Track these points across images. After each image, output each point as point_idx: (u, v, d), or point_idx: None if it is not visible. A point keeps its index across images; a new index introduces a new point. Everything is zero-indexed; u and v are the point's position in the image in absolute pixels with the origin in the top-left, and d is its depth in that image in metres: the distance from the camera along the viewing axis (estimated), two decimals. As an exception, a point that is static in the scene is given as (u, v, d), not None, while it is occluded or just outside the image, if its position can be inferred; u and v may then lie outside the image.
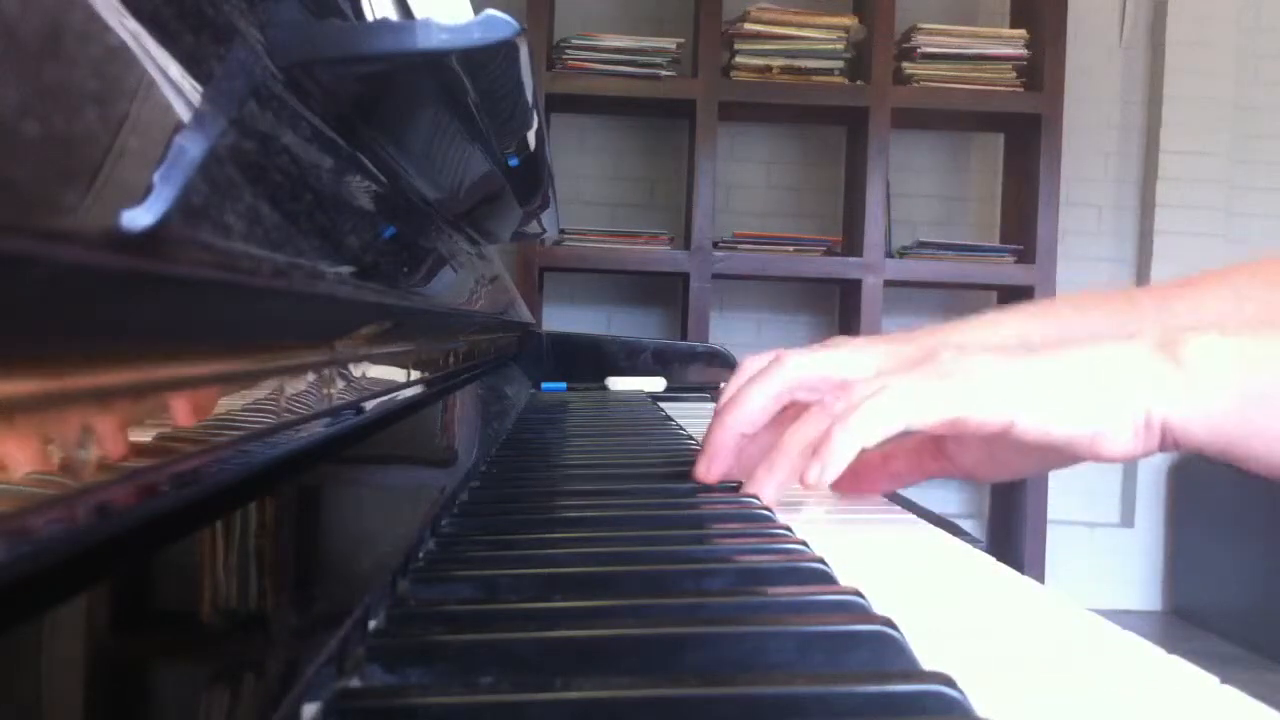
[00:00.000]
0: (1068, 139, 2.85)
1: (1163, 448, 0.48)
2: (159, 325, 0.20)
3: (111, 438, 0.18)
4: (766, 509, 0.49)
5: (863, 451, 0.50)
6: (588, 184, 3.03)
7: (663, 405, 1.18)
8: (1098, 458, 0.48)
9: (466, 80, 0.47)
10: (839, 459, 0.50)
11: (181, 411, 0.21)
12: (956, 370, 0.50)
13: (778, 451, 0.53)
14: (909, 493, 0.63)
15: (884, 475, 0.61)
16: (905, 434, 0.51)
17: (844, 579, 0.37)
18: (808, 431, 0.52)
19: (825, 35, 2.73)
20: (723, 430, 0.58)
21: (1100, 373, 0.48)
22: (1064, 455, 0.50)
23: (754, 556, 0.41)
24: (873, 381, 0.51)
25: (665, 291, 3.05)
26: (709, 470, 0.57)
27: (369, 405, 0.39)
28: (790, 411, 0.58)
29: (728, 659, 0.29)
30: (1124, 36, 3.09)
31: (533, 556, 0.41)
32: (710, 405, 1.33)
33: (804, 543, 0.42)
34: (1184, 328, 0.49)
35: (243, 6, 0.31)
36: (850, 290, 2.83)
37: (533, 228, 1.14)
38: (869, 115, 2.71)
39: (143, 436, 0.19)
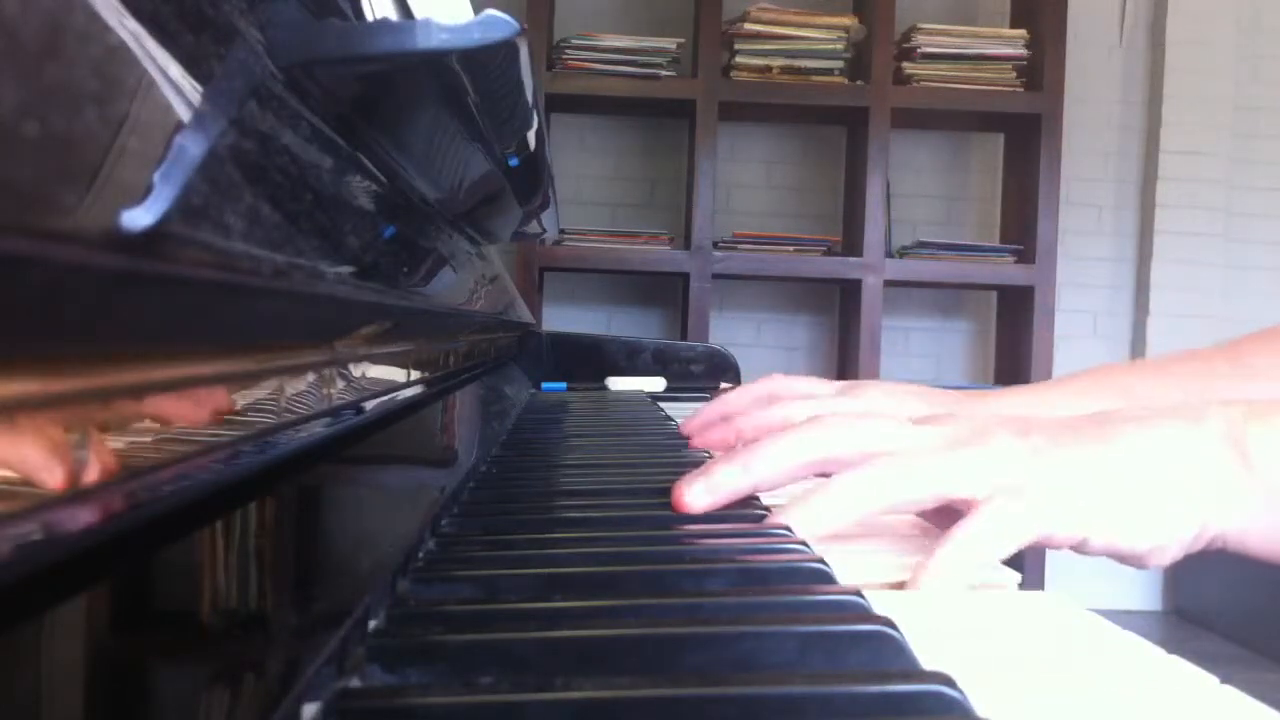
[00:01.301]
0: (1068, 139, 2.85)
1: (1205, 551, 0.47)
2: (159, 325, 0.20)
3: (112, 438, 0.18)
4: (766, 509, 0.49)
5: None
6: (588, 184, 3.03)
7: (663, 405, 1.18)
8: (1142, 567, 0.47)
9: (466, 80, 0.47)
10: (970, 567, 0.44)
11: (181, 411, 0.21)
12: (1037, 484, 0.46)
13: (758, 452, 0.51)
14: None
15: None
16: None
17: (843, 579, 0.37)
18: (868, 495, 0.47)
19: (825, 35, 2.73)
20: (739, 479, 0.51)
21: (1169, 480, 0.46)
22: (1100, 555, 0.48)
23: (754, 556, 0.41)
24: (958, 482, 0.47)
25: (665, 291, 3.05)
26: (702, 501, 0.51)
27: (369, 405, 0.39)
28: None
29: (728, 659, 0.29)
30: (1124, 36, 3.09)
31: (533, 556, 0.41)
32: (710, 405, 1.32)
33: (804, 543, 0.42)
34: (1254, 410, 0.47)
35: (243, 6, 0.31)
36: (850, 290, 2.83)
37: (533, 228, 1.14)
38: (869, 115, 2.71)
39: (143, 436, 0.19)
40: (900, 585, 0.43)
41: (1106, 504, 0.46)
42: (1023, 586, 0.43)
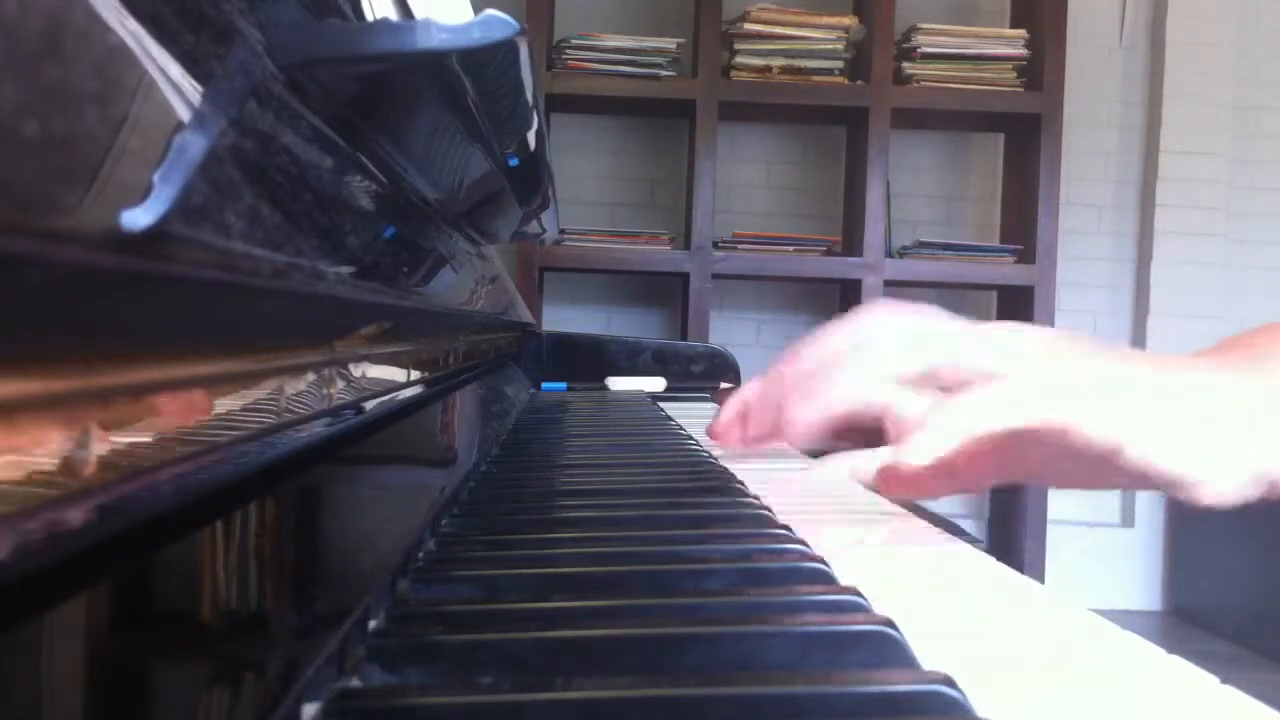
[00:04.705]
0: (1068, 139, 2.85)
1: (1261, 498, 0.43)
2: (159, 325, 0.20)
3: (111, 438, 0.18)
4: (766, 509, 0.49)
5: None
6: (588, 184, 3.03)
7: (663, 405, 1.18)
8: (1192, 501, 0.43)
9: (466, 80, 0.47)
10: (949, 440, 0.44)
11: (182, 411, 0.21)
12: (1082, 371, 0.44)
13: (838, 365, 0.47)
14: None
15: (947, 478, 0.50)
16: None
17: (842, 579, 0.37)
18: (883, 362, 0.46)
19: (825, 35, 2.73)
20: (819, 402, 0.48)
21: (1225, 413, 0.43)
22: (1137, 481, 0.44)
23: (754, 556, 0.41)
24: (994, 350, 0.45)
25: (665, 291, 3.05)
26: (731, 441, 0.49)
27: (369, 405, 0.39)
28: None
29: (728, 659, 0.29)
30: (1124, 36, 3.09)
31: (533, 556, 0.41)
32: (710, 405, 1.33)
33: (804, 542, 0.42)
34: None
35: (243, 6, 0.31)
36: (850, 290, 2.82)
37: (533, 228, 1.14)
38: (869, 115, 2.71)
39: (143, 436, 0.19)
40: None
41: (1154, 416, 0.42)
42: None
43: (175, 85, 0.21)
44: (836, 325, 0.50)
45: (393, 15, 0.46)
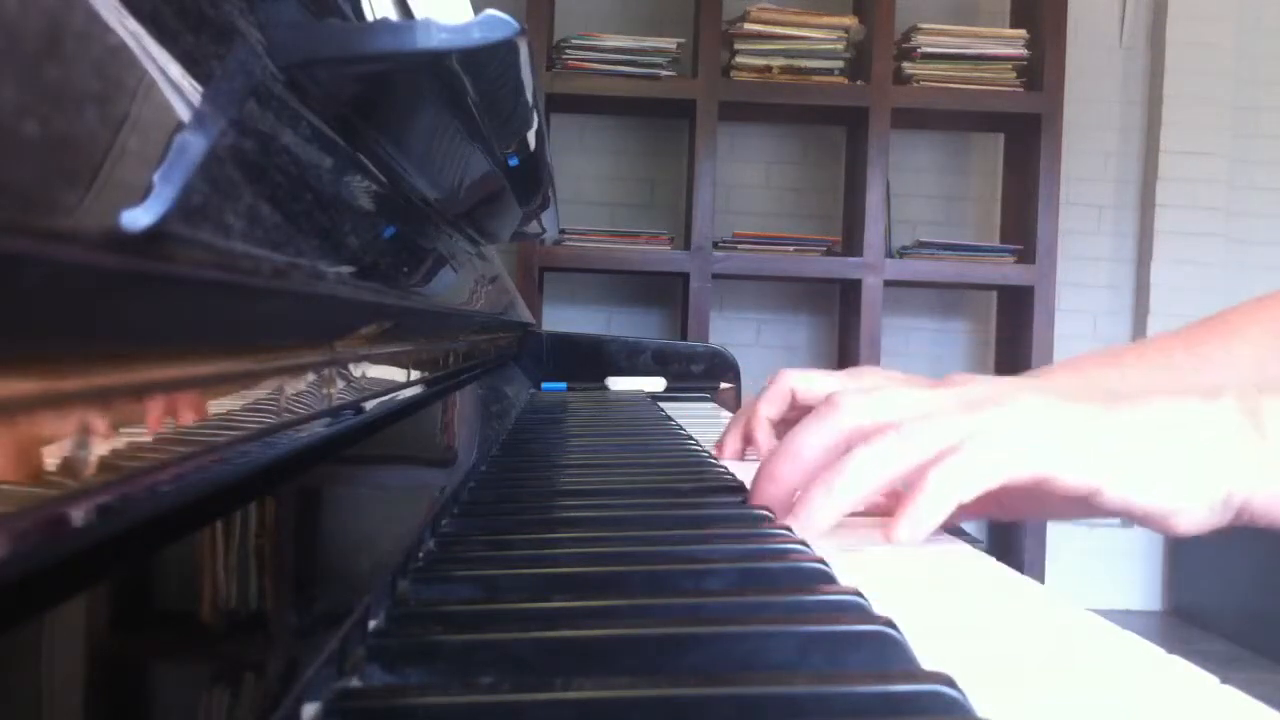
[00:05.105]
0: (1068, 139, 2.85)
1: (1234, 523, 0.46)
2: (159, 325, 0.20)
3: (111, 438, 0.18)
4: (767, 509, 0.49)
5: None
6: (588, 184, 3.03)
7: (663, 405, 1.18)
8: (1167, 532, 0.46)
9: (466, 80, 0.47)
10: (936, 513, 0.44)
11: (182, 411, 0.21)
12: (1050, 422, 0.46)
13: (838, 473, 0.47)
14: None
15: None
16: None
17: (842, 579, 0.37)
18: (878, 457, 0.46)
19: (825, 35, 2.73)
20: (774, 485, 0.50)
21: (1188, 443, 0.45)
22: (1118, 514, 0.46)
23: (754, 557, 0.41)
24: (960, 420, 0.46)
25: (665, 291, 3.05)
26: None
27: (369, 405, 0.39)
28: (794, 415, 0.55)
29: (728, 659, 0.29)
30: (1124, 36, 3.09)
31: (533, 556, 0.41)
32: (710, 405, 1.33)
33: (804, 543, 0.42)
34: (1263, 387, 0.47)
35: (243, 6, 0.31)
36: (850, 290, 2.83)
37: (533, 228, 1.14)
38: (869, 115, 2.71)
39: (143, 436, 0.19)
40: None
41: (1124, 457, 0.45)
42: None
43: (175, 85, 0.21)
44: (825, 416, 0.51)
45: (393, 15, 0.46)
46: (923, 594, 0.40)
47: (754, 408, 0.71)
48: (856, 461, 0.47)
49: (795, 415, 0.69)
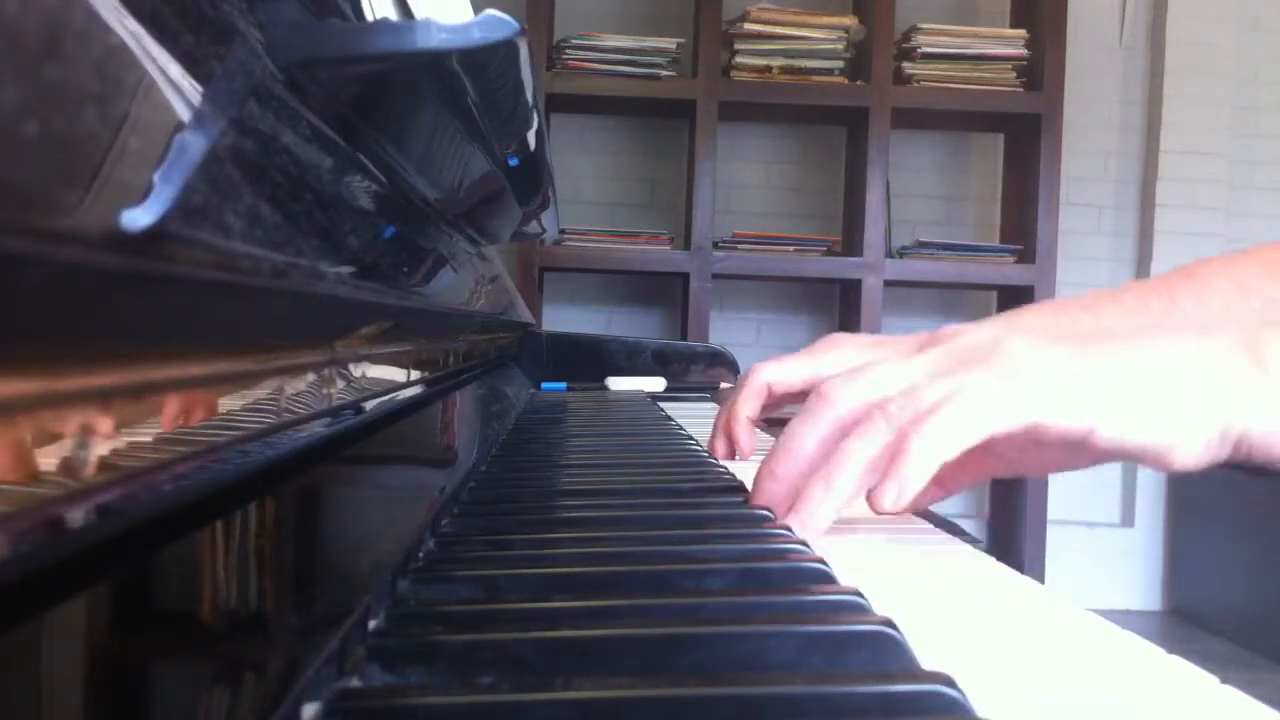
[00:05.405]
0: (1068, 139, 2.85)
1: (1232, 459, 0.45)
2: (159, 325, 0.20)
3: (111, 438, 0.18)
4: (766, 509, 0.49)
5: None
6: (588, 184, 3.03)
7: (663, 405, 1.18)
8: (1165, 468, 0.45)
9: (466, 80, 0.47)
10: (918, 476, 0.44)
11: (181, 411, 0.21)
12: (1034, 368, 0.45)
13: (835, 467, 0.47)
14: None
15: (932, 485, 0.49)
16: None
17: (842, 579, 0.37)
18: (870, 445, 0.46)
19: (825, 35, 2.73)
20: (775, 483, 0.50)
21: (1183, 377, 0.44)
22: (1114, 457, 0.46)
23: (754, 557, 0.41)
24: (941, 383, 0.46)
25: (665, 291, 3.05)
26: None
27: (369, 405, 0.39)
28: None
29: (728, 659, 0.29)
30: (1124, 36, 3.09)
31: (533, 556, 0.41)
32: (710, 405, 1.33)
33: (804, 543, 0.42)
34: (1262, 324, 0.46)
35: (243, 6, 0.31)
36: (850, 290, 2.83)
37: (533, 228, 1.14)
38: (869, 115, 2.71)
39: (143, 436, 0.19)
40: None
41: (1117, 395, 0.44)
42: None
43: (175, 85, 0.21)
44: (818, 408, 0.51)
45: (393, 15, 0.46)
46: (923, 594, 0.40)
47: (731, 409, 0.70)
48: (850, 454, 0.47)
49: (773, 403, 0.67)
